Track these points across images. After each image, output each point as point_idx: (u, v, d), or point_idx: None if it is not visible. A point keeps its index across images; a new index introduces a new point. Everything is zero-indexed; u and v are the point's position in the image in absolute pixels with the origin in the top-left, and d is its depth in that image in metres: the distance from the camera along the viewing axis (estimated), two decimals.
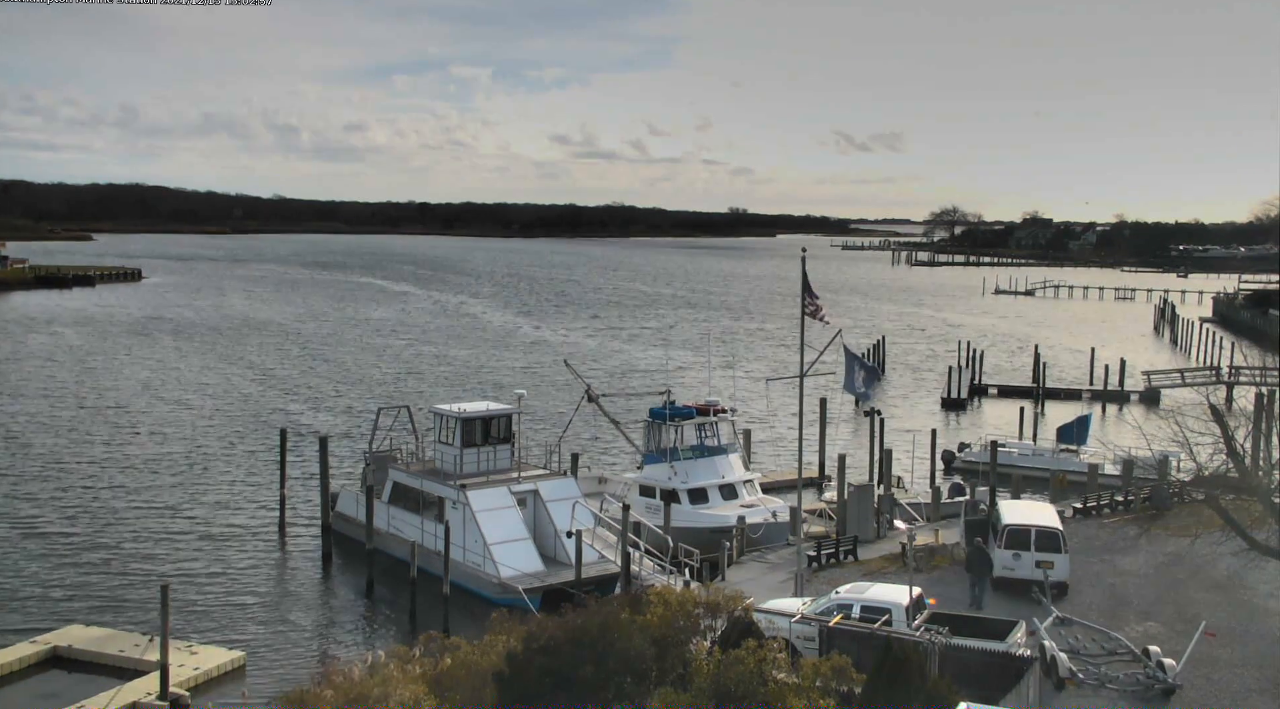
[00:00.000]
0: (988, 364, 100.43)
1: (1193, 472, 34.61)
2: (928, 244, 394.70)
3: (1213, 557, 39.98)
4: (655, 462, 47.98)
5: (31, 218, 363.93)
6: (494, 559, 40.73)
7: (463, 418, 44.68)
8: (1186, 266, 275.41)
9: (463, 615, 37.73)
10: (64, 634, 35.97)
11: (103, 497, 55.15)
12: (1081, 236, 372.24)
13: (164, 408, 79.21)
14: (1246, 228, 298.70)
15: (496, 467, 44.86)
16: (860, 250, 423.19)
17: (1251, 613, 35.30)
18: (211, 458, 63.89)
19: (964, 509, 46.01)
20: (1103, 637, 30.66)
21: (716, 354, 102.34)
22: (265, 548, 48.18)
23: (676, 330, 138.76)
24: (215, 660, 34.12)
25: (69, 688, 32.46)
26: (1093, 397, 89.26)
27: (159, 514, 52.42)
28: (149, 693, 31.13)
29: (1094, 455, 58.51)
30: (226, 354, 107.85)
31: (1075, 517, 45.79)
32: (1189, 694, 29.04)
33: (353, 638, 38.37)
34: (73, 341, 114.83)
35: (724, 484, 47.12)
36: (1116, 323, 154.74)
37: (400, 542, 43.53)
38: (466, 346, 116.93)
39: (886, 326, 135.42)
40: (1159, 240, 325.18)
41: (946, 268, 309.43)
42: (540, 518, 43.24)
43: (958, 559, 40.87)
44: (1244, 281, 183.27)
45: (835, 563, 41.07)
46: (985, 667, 26.08)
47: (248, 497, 55.68)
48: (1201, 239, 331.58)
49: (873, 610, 30.02)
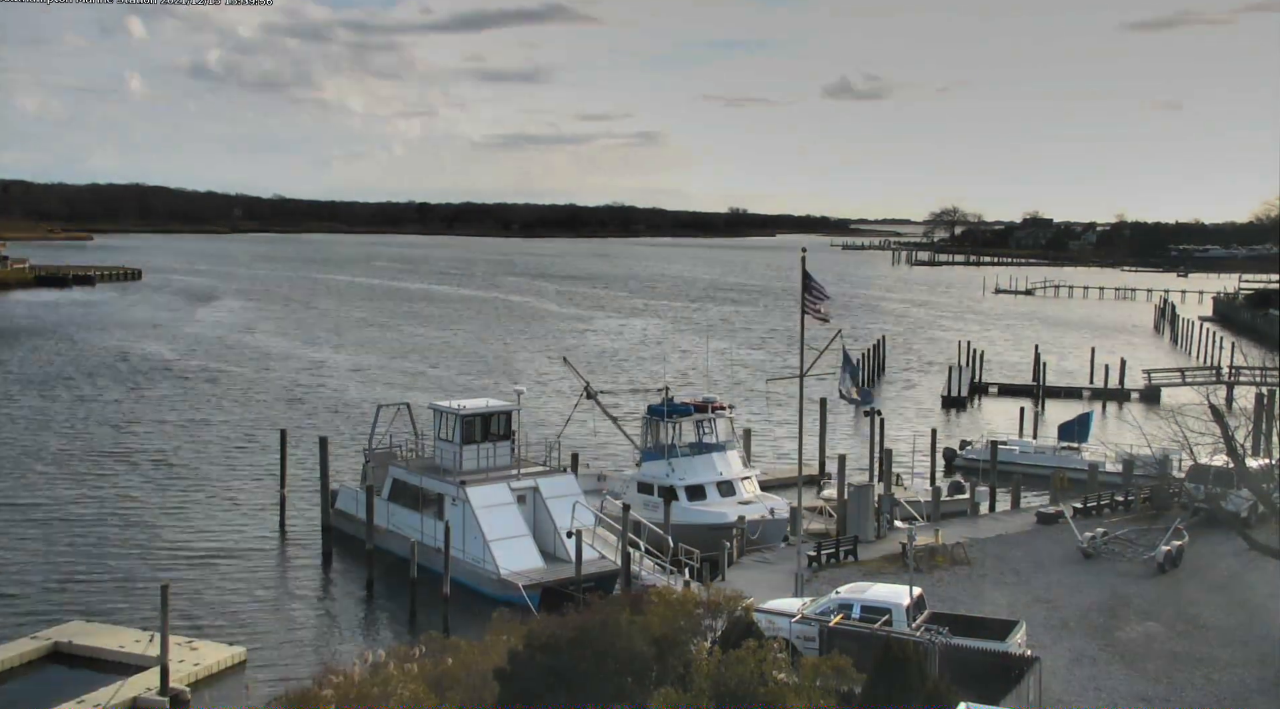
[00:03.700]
0: (988, 363, 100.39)
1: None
2: (928, 244, 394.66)
3: (1213, 557, 40.13)
4: (653, 458, 47.97)
5: (32, 218, 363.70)
6: (494, 556, 40.74)
7: (462, 414, 44.68)
8: (1186, 266, 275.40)
9: (463, 612, 37.74)
10: (65, 630, 35.99)
11: (103, 493, 55.10)
12: (1081, 236, 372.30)
13: (163, 408, 79.29)
14: (1246, 228, 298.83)
15: (496, 463, 44.86)
16: (860, 250, 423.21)
17: (1251, 613, 35.29)
18: (212, 457, 63.89)
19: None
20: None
21: (715, 353, 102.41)
22: (265, 545, 48.18)
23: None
24: (216, 656, 34.14)
25: (70, 683, 32.45)
26: (1093, 395, 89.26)
27: (160, 510, 52.40)
28: (149, 688, 31.17)
29: (1095, 453, 58.51)
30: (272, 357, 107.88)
31: (1076, 516, 45.80)
32: (1189, 695, 29.10)
33: (352, 634, 38.38)
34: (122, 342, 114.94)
35: (722, 481, 47.11)
36: (1115, 322, 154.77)
37: (400, 539, 43.54)
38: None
39: (887, 327, 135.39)
40: (1159, 240, 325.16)
41: (947, 267, 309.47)
42: (540, 514, 43.23)
43: (958, 559, 40.97)
44: (1244, 281, 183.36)
45: (835, 563, 41.09)
46: (985, 667, 26.09)
47: (248, 494, 55.63)
48: (1201, 239, 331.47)
49: (873, 610, 30.01)
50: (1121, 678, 30.25)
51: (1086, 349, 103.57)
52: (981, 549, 42.64)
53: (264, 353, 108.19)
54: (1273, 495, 33.34)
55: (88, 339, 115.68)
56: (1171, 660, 31.52)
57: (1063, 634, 33.51)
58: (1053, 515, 46.66)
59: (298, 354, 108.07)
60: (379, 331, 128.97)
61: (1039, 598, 37.10)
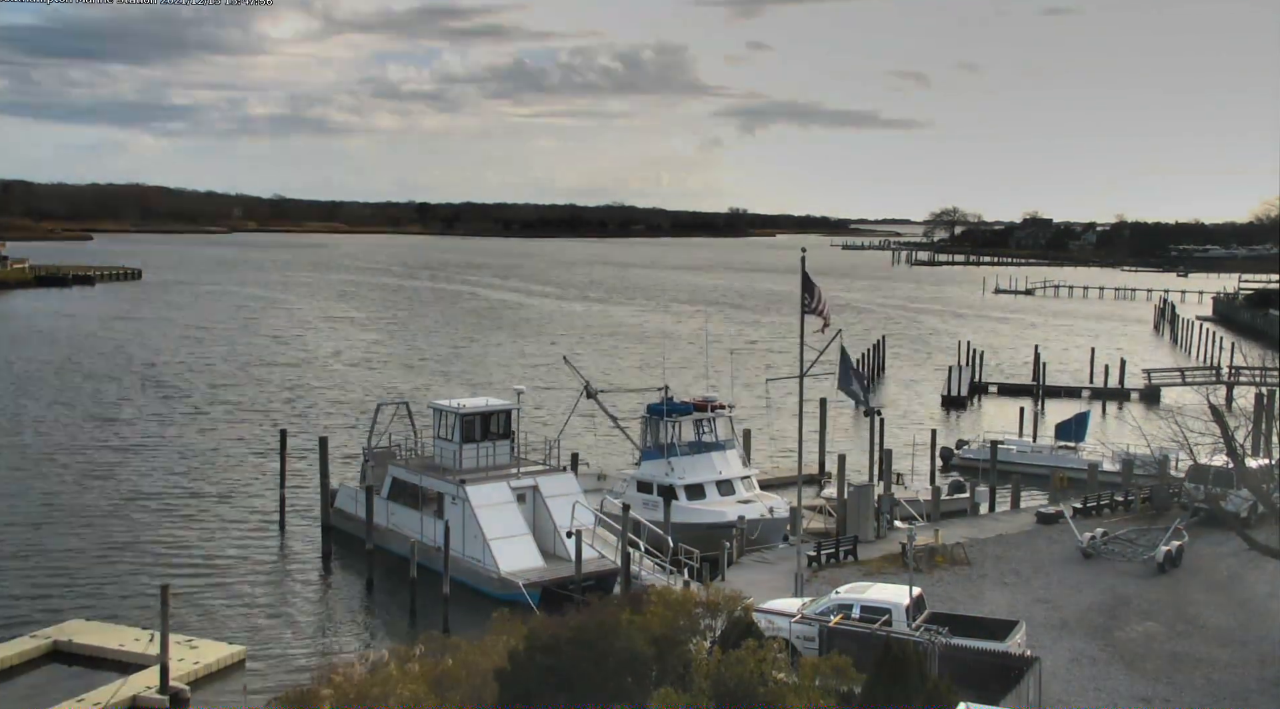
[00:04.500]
0: (988, 362, 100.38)
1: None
2: (928, 244, 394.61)
3: (1213, 557, 40.11)
4: (653, 457, 47.93)
5: (32, 218, 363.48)
6: (494, 555, 40.72)
7: (461, 413, 44.66)
8: (1186, 266, 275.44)
9: (462, 611, 37.70)
10: (64, 628, 35.95)
11: (103, 492, 55.08)
12: (1081, 236, 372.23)
13: (166, 404, 79.28)
14: (1246, 228, 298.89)
15: (496, 462, 44.84)
16: (860, 250, 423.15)
17: (1251, 613, 35.28)
18: (212, 455, 63.86)
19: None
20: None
21: (715, 351, 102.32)
22: (265, 544, 48.16)
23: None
24: (215, 655, 34.11)
25: (69, 682, 32.48)
26: (1093, 394, 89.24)
27: (160, 509, 52.40)
28: (149, 687, 31.16)
29: (1093, 453, 58.50)
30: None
31: (1075, 516, 45.79)
32: (1189, 695, 29.09)
33: (352, 633, 38.38)
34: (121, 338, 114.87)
35: (721, 480, 47.07)
36: (1117, 322, 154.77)
37: (399, 538, 43.53)
38: None
39: (887, 326, 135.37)
40: (1159, 240, 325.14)
41: (946, 267, 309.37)
42: (540, 513, 43.21)
43: (958, 559, 40.95)
44: (1244, 281, 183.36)
45: (835, 563, 41.07)
46: (985, 667, 26.08)
47: (249, 493, 55.62)
48: (1201, 239, 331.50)
49: (873, 610, 30.00)
50: (1121, 678, 30.24)
51: (1086, 349, 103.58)
52: (981, 549, 42.62)
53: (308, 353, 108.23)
54: (1273, 495, 33.32)
55: (88, 339, 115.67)
56: (1171, 660, 31.51)
57: (1063, 634, 33.50)
58: (1052, 515, 46.64)
59: (321, 354, 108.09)
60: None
61: (1039, 598, 37.09)
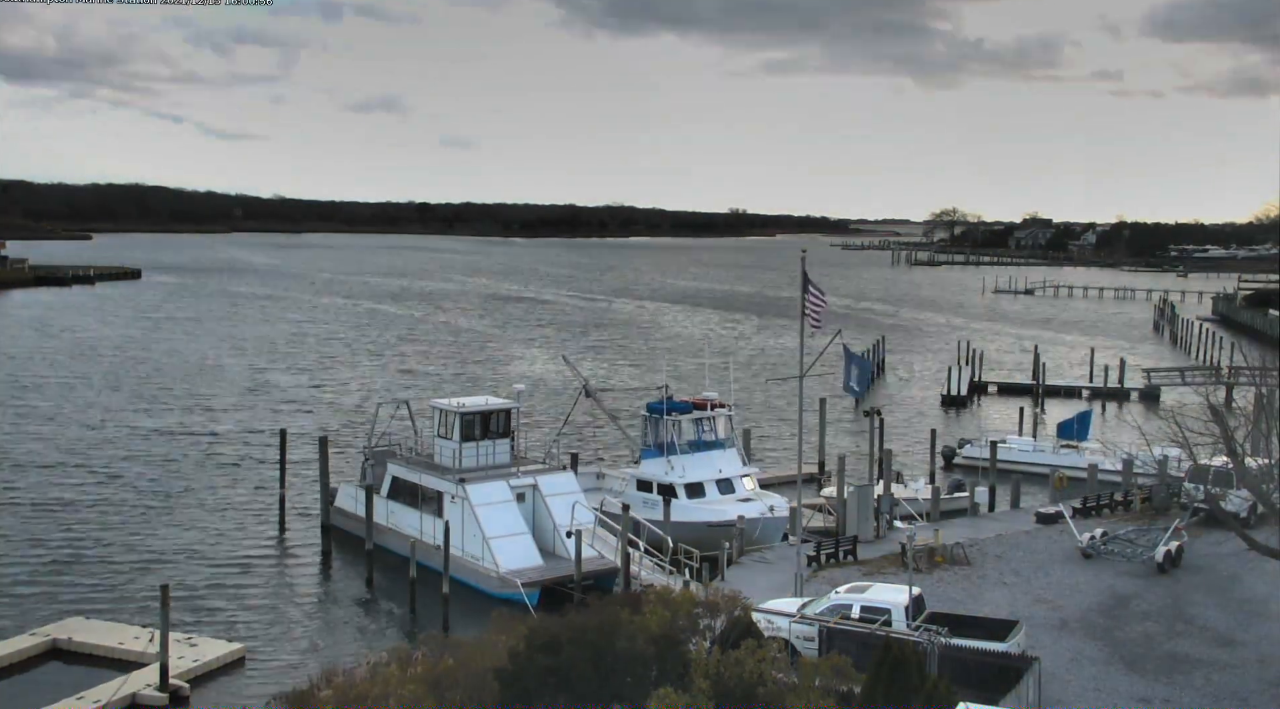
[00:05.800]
0: (988, 361, 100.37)
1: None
2: (927, 244, 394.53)
3: (1213, 557, 40.09)
4: (652, 456, 47.89)
5: (32, 218, 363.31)
6: (493, 553, 40.70)
7: (461, 412, 44.64)
8: (1186, 267, 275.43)
9: (462, 610, 37.72)
10: (64, 626, 35.97)
11: (103, 491, 55.06)
12: (1081, 237, 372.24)
13: (166, 406, 79.26)
14: (1246, 228, 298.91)
15: (496, 461, 44.82)
16: (860, 250, 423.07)
17: (1251, 613, 35.27)
18: (213, 454, 63.85)
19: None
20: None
21: (715, 351, 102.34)
22: (265, 542, 48.18)
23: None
24: (215, 652, 34.14)
25: (69, 680, 32.47)
26: (1093, 394, 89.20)
27: (160, 508, 52.38)
28: (149, 685, 31.16)
29: (1094, 452, 58.46)
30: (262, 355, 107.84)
31: (1075, 516, 45.75)
32: (1189, 695, 29.08)
33: (352, 632, 38.38)
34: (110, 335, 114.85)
35: (721, 479, 47.03)
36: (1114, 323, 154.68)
37: (399, 536, 43.52)
38: None
39: (887, 327, 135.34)
40: (1159, 240, 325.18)
41: (946, 267, 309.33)
42: (539, 512, 43.19)
43: (958, 559, 40.94)
44: (1243, 282, 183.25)
45: (835, 562, 41.04)
46: (985, 667, 26.07)
47: (249, 491, 55.63)
48: (1201, 239, 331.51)
49: (872, 610, 30.00)
50: (1121, 678, 30.23)
51: (1085, 349, 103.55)
52: (981, 549, 42.59)
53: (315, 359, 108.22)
54: (1272, 495, 33.28)
55: (88, 339, 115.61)
56: (1171, 660, 31.51)
57: (1063, 634, 33.48)
58: (1052, 515, 46.61)
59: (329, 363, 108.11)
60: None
61: (1039, 598, 37.06)
